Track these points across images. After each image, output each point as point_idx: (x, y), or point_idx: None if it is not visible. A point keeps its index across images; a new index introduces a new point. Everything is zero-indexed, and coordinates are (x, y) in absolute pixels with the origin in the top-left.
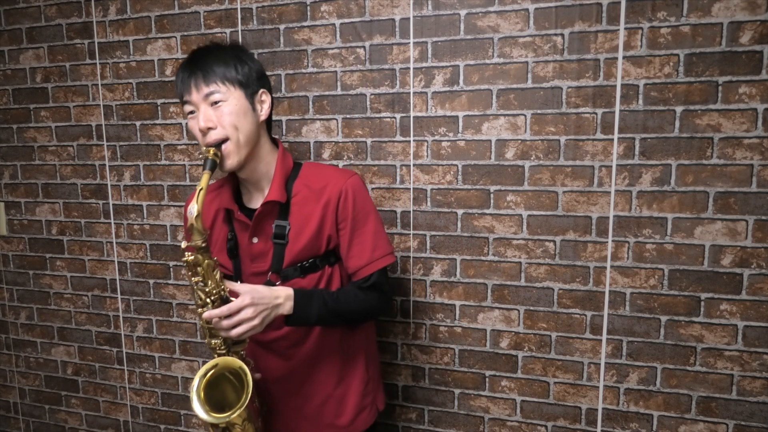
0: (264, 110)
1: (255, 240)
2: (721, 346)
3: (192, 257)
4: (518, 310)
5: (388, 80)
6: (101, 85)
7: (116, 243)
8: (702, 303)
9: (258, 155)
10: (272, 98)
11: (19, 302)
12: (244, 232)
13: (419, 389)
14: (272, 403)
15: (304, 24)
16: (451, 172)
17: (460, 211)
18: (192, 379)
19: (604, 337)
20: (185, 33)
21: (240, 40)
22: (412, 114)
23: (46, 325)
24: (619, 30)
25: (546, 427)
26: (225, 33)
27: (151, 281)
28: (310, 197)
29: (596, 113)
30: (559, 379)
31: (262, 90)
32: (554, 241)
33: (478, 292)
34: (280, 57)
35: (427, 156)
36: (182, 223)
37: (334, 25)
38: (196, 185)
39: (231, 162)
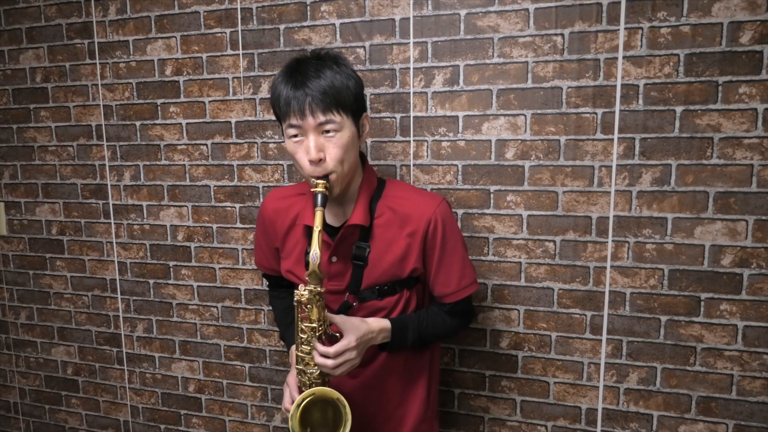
0: (365, 133)
1: (334, 259)
2: (721, 346)
3: (305, 298)
4: (518, 310)
5: (388, 80)
6: (101, 85)
7: (116, 243)
8: (702, 303)
9: (351, 178)
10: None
11: (19, 302)
12: (324, 250)
13: None
14: None
15: (304, 24)
16: (451, 172)
17: (460, 211)
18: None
19: (604, 337)
20: (185, 33)
21: (240, 40)
22: (412, 114)
23: (46, 325)
24: (619, 30)
25: (546, 427)
26: (225, 33)
27: (151, 281)
28: (394, 221)
29: (596, 113)
30: (559, 379)
31: (365, 113)
32: (554, 241)
33: (477, 292)
34: (280, 57)
35: (427, 156)
36: (184, 223)
37: (334, 25)
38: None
39: (334, 192)
